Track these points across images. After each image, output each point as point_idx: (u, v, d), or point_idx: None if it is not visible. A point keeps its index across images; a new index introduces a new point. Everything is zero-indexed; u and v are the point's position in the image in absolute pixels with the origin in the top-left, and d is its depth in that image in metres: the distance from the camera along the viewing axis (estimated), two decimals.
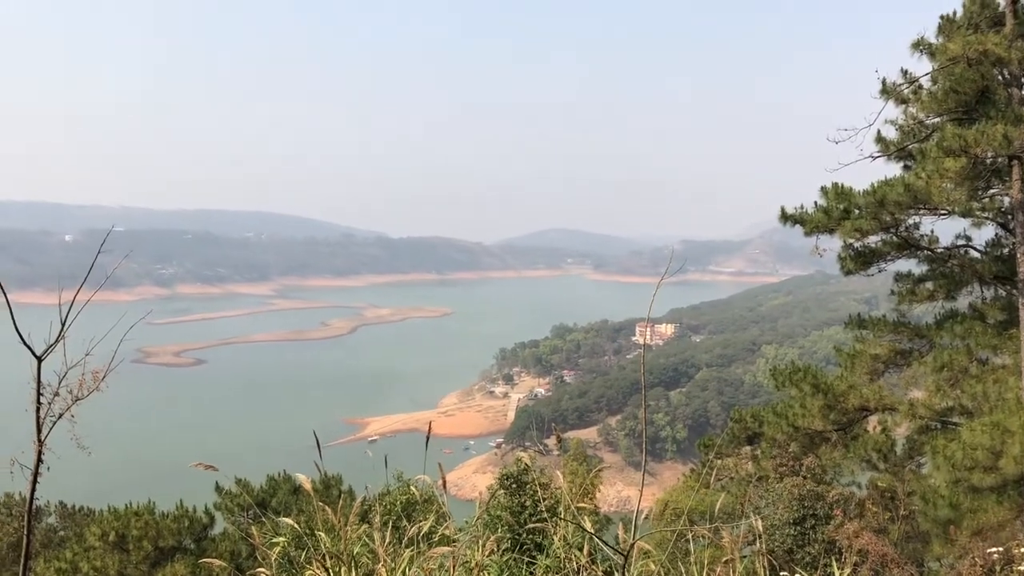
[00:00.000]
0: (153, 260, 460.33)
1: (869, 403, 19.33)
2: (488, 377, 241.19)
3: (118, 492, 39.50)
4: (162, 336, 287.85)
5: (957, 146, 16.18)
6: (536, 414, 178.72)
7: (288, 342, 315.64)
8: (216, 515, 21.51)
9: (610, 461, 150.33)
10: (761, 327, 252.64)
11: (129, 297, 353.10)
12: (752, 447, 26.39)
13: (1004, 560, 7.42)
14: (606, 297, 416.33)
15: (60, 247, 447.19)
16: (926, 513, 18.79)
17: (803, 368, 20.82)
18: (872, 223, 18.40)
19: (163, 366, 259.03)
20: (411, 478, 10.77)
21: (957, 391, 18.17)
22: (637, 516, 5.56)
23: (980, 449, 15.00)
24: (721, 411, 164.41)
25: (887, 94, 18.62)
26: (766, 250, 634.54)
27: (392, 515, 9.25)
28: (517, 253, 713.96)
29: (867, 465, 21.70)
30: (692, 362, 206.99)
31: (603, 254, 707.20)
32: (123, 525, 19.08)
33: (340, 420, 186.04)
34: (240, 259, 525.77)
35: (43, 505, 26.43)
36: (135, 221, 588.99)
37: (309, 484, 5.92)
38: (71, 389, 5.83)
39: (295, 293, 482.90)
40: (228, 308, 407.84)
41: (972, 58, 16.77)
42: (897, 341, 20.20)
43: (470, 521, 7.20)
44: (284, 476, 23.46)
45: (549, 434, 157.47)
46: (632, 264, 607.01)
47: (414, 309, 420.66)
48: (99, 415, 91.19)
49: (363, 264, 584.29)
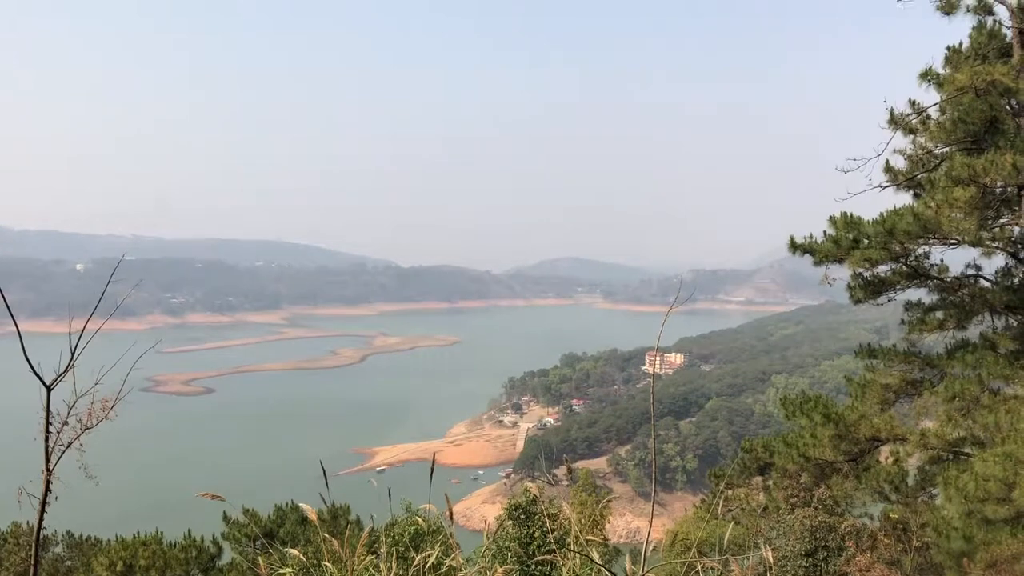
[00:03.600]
0: (164, 289, 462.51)
1: (880, 433, 19.19)
2: (497, 406, 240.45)
3: (126, 521, 39.41)
4: (172, 365, 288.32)
5: (966, 175, 16.18)
6: (545, 444, 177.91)
7: (298, 371, 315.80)
8: (224, 545, 21.44)
9: (619, 491, 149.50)
10: (771, 356, 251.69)
11: (139, 326, 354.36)
12: (763, 477, 26.25)
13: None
14: (616, 326, 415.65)
15: (72, 276, 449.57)
16: (939, 545, 18.59)
17: (813, 398, 20.71)
18: (882, 252, 18.37)
19: (173, 395, 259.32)
20: (418, 508, 10.72)
21: (969, 421, 18.03)
22: (646, 548, 5.53)
23: (993, 480, 14.86)
24: (731, 441, 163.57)
25: (895, 124, 18.65)
26: (776, 279, 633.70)
27: (400, 546, 9.21)
28: (527, 282, 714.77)
29: (879, 496, 21.51)
30: (702, 391, 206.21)
31: (613, 283, 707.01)
32: (131, 555, 19.03)
33: (348, 450, 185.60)
34: (251, 288, 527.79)
35: (50, 534, 26.34)
36: (147, 250, 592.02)
37: (315, 515, 5.91)
38: (80, 418, 5.85)
39: (305, 322, 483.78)
40: (238, 337, 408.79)
41: (980, 88, 16.81)
42: (908, 371, 20.07)
43: (478, 552, 7.16)
44: (292, 506, 23.40)
45: (558, 464, 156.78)
46: (642, 293, 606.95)
47: (423, 337, 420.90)
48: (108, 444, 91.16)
49: (373, 293, 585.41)
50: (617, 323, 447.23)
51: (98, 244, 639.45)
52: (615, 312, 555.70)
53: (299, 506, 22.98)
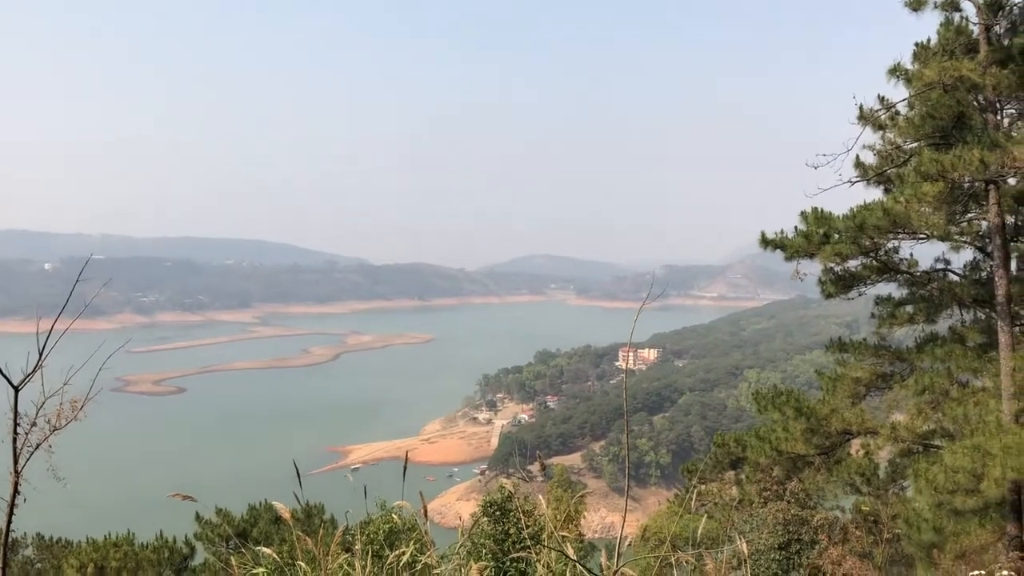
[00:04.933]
0: (133, 288, 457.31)
1: (851, 426, 19.37)
2: (471, 403, 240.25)
3: (97, 523, 38.94)
4: (142, 364, 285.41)
5: (934, 171, 16.35)
6: (519, 440, 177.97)
7: (270, 370, 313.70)
8: (196, 545, 21.27)
9: (594, 487, 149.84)
10: (743, 351, 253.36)
11: (109, 325, 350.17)
12: (736, 471, 26.40)
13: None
14: (589, 322, 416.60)
15: (40, 276, 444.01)
16: (910, 536, 18.83)
17: (785, 392, 20.87)
18: (852, 247, 18.53)
19: (143, 395, 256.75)
20: (392, 506, 10.68)
21: (938, 414, 18.24)
22: (620, 542, 5.54)
23: (962, 472, 15.05)
24: (704, 436, 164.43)
25: (864, 120, 18.82)
26: (747, 274, 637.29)
27: (374, 544, 9.18)
28: (500, 279, 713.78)
29: (850, 489, 21.73)
30: (675, 387, 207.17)
31: (586, 279, 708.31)
32: (102, 557, 18.84)
33: (322, 448, 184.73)
34: (221, 287, 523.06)
35: (20, 537, 26.01)
36: (116, 249, 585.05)
37: (289, 514, 5.86)
38: (49, 419, 5.77)
39: (277, 320, 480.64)
40: (209, 336, 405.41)
41: (948, 84, 17.00)
42: (878, 364, 20.27)
43: (453, 548, 7.14)
44: (265, 505, 23.25)
45: (533, 460, 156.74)
46: (615, 289, 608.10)
47: (396, 336, 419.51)
48: (78, 445, 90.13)
49: (345, 291, 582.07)
50: (591, 320, 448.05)
51: (66, 243, 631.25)
52: (589, 309, 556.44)
53: (272, 505, 22.81)
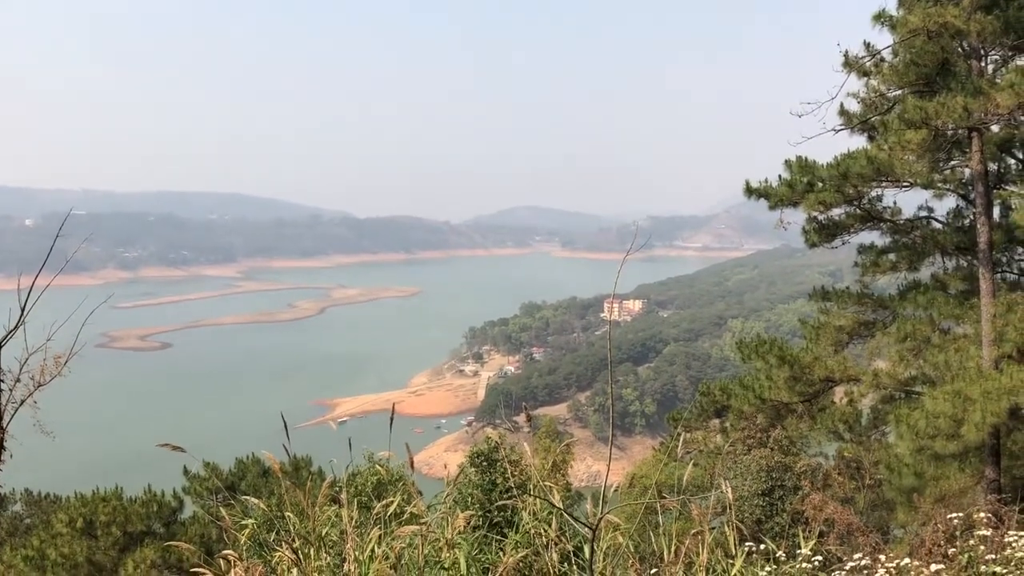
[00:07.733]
0: (116, 243, 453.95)
1: (834, 374, 19.53)
2: (458, 356, 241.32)
3: (85, 478, 39.09)
4: (127, 320, 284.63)
5: (918, 118, 16.32)
6: (506, 392, 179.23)
7: (255, 324, 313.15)
8: (185, 499, 21.38)
9: (580, 437, 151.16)
10: (727, 301, 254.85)
11: (92, 281, 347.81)
12: (720, 420, 26.67)
13: (965, 525, 7.56)
14: (574, 274, 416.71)
15: (21, 232, 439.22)
16: (891, 482, 19.12)
17: (769, 341, 20.99)
18: (835, 196, 18.54)
19: (129, 350, 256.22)
20: (379, 458, 10.75)
21: (920, 361, 18.41)
22: (606, 490, 5.61)
23: (942, 417, 15.23)
24: (689, 385, 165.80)
25: (849, 67, 18.70)
26: (732, 224, 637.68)
27: (362, 495, 9.25)
28: (485, 231, 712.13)
29: (833, 436, 21.98)
30: (660, 337, 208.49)
31: (571, 231, 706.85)
32: (91, 511, 18.91)
33: (309, 402, 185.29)
34: (205, 241, 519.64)
35: (8, 493, 26.10)
36: (97, 204, 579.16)
37: (277, 465, 5.89)
38: (33, 375, 5.75)
39: (262, 275, 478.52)
40: (194, 291, 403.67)
41: (932, 30, 16.87)
42: (861, 312, 20.40)
43: (439, 498, 7.21)
44: (253, 459, 23.35)
45: (519, 411, 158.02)
46: (600, 241, 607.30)
47: (382, 289, 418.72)
48: (64, 401, 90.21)
49: (330, 245, 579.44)
50: (576, 271, 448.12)
51: (47, 199, 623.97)
52: (573, 260, 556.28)
53: (260, 459, 22.96)
